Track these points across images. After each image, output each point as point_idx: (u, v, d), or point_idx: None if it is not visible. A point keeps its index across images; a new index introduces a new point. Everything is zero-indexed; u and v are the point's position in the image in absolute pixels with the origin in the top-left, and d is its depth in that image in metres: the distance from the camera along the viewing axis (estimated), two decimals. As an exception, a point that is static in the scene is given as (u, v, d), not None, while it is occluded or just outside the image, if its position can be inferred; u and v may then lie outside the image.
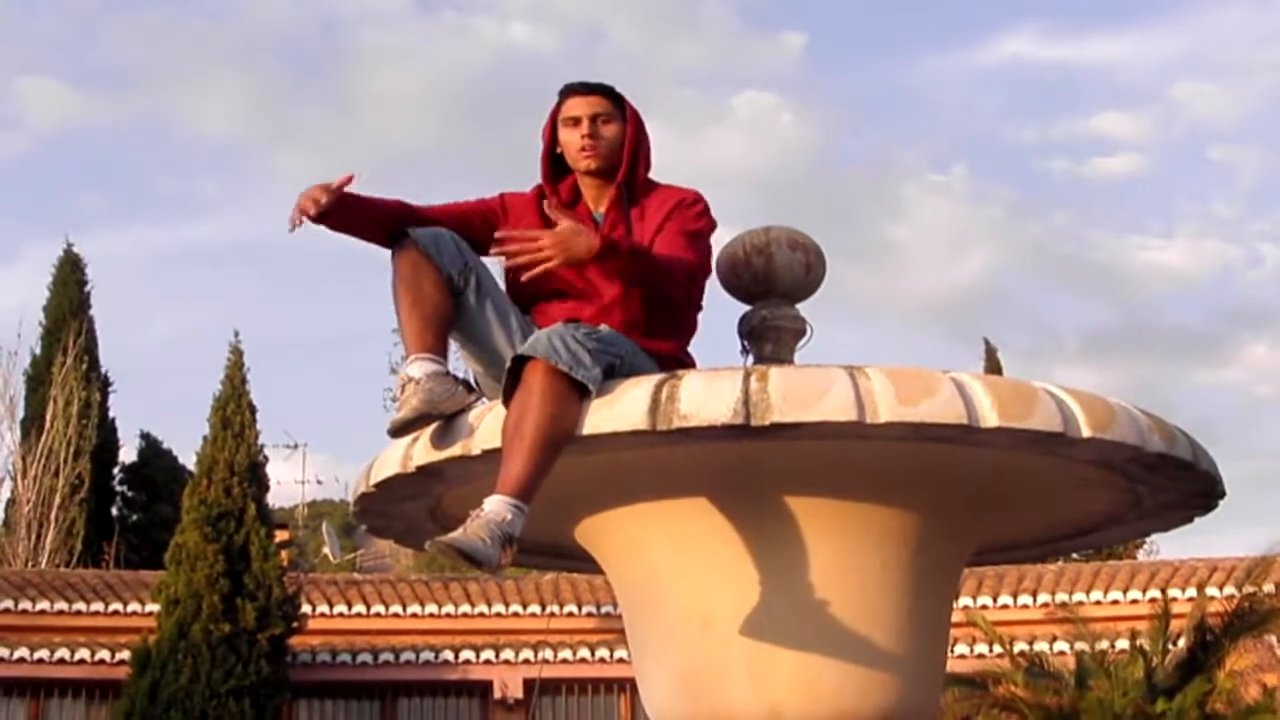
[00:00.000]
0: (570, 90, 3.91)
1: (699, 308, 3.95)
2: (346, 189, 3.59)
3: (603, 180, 3.89)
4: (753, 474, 3.49)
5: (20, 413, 27.09)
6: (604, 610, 17.84)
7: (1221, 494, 3.77)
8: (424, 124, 78.64)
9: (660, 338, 3.75)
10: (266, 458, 17.85)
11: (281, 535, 19.97)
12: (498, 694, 17.63)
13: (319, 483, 43.49)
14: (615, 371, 3.38)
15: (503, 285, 3.91)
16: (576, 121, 3.87)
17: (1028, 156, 78.07)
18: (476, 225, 3.87)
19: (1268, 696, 11.93)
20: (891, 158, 73.22)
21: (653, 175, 3.98)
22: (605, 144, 3.85)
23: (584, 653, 17.54)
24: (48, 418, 25.33)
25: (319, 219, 3.58)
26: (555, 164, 3.95)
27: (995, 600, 17.67)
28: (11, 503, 25.29)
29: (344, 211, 3.62)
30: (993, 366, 27.12)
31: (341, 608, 18.55)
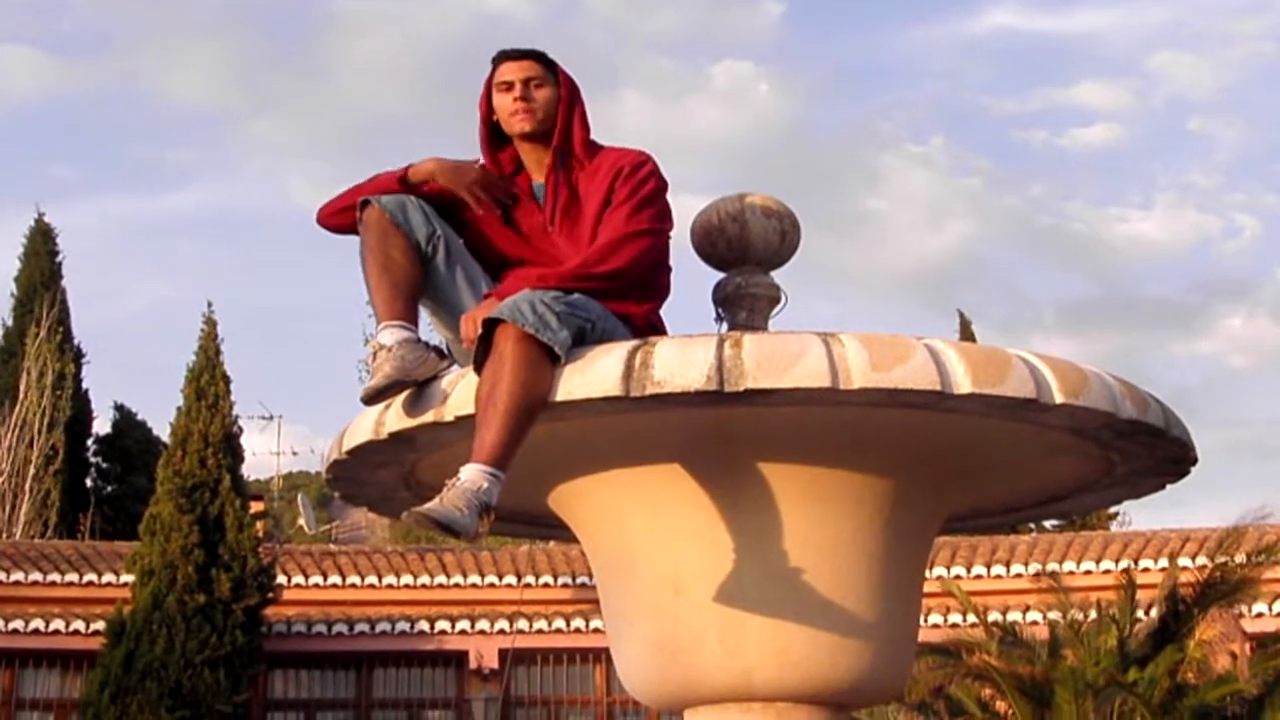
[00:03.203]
0: (502, 56, 3.92)
1: (669, 268, 3.94)
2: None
3: (541, 146, 3.89)
4: (726, 440, 3.48)
5: (-8, 385, 26.96)
6: (579, 581, 17.89)
7: (1193, 460, 3.78)
8: (400, 90, 78.49)
9: (631, 301, 3.74)
10: (241, 429, 17.86)
11: (256, 506, 19.93)
12: (473, 664, 17.68)
13: (294, 454, 43.32)
14: (586, 336, 3.37)
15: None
16: (509, 86, 3.87)
17: (1007, 127, 78.29)
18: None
19: (1236, 666, 12.00)
20: (870, 128, 73.37)
21: (603, 140, 3.96)
22: (538, 106, 3.85)
23: (559, 623, 17.60)
24: (21, 389, 25.24)
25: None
26: (495, 135, 3.95)
27: (969, 570, 17.77)
28: (-15, 474, 25.22)
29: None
30: (967, 338, 27.18)
31: (317, 578, 18.56)
